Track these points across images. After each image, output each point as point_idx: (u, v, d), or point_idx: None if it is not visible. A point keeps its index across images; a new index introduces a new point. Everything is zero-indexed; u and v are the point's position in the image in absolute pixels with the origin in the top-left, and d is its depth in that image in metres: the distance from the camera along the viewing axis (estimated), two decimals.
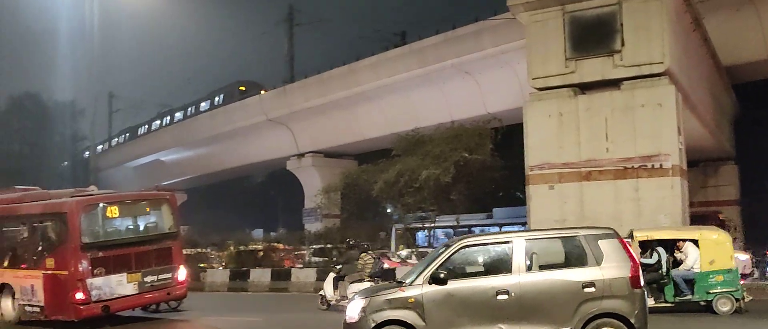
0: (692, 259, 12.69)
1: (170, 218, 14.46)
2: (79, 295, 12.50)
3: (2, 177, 44.67)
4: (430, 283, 8.18)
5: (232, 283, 23.27)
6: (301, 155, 39.38)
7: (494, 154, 24.58)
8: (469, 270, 8.61)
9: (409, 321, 8.12)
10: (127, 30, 48.56)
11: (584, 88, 17.26)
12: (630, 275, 7.97)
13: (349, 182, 28.65)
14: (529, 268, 8.20)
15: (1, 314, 14.18)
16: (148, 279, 13.51)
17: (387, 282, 11.41)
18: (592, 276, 7.97)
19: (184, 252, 27.64)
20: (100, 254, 12.87)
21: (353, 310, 8.45)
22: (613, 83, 16.77)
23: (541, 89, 17.72)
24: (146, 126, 55.18)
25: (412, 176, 23.69)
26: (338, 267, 15.64)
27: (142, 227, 14.05)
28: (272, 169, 48.94)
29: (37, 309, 13.33)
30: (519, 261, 8.20)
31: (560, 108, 17.22)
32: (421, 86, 30.30)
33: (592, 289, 7.92)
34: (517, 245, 8.31)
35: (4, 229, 14.73)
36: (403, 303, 8.21)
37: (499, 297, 8.03)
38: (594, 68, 16.90)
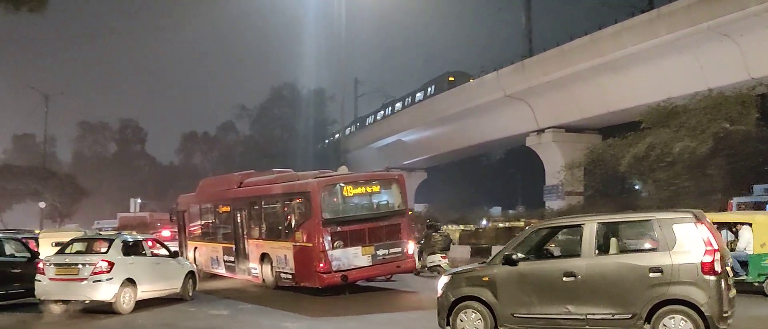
0: (744, 241, 13.26)
1: (399, 196, 15.94)
2: (322, 265, 14.44)
3: (267, 160, 51.61)
4: (503, 264, 8.95)
5: (473, 259, 24.44)
6: (540, 131, 39.31)
7: (761, 124, 22.37)
8: (544, 251, 9.33)
9: (482, 298, 9.01)
10: (368, 17, 52.28)
11: None
12: (701, 261, 7.75)
13: (593, 157, 28.14)
14: (598, 252, 8.47)
15: (263, 280, 16.89)
16: (380, 252, 15.11)
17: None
18: (660, 261, 7.95)
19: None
20: (339, 228, 14.70)
21: (439, 286, 9.63)
22: None
23: None
24: (373, 116, 60.25)
25: (664, 150, 22.64)
26: (421, 242, 19.18)
27: (374, 205, 15.72)
28: (511, 146, 49.44)
29: (290, 276, 15.68)
30: (588, 244, 8.49)
31: None
32: (671, 53, 28.50)
33: (659, 274, 7.91)
34: (588, 228, 8.56)
35: (264, 206, 17.46)
36: (478, 281, 9.20)
37: (566, 280, 8.42)
38: None
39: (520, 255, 8.93)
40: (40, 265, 13.41)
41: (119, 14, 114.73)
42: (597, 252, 8.48)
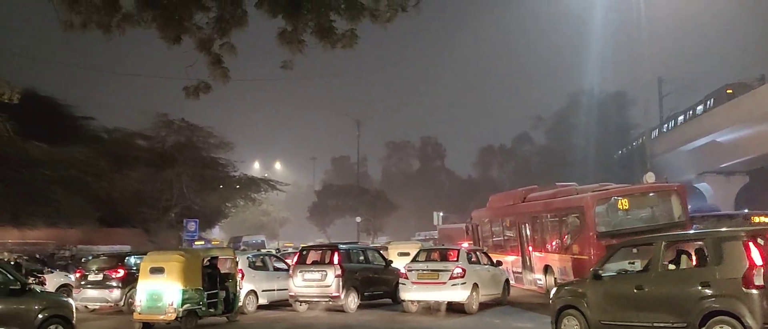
0: None
1: (679, 208, 16.49)
2: None
3: (565, 169, 52.77)
4: (592, 278, 10.93)
5: None
6: None
7: None
8: (625, 267, 11.11)
9: (578, 307, 10.99)
10: (669, 8, 49.90)
11: None
12: (743, 275, 8.85)
13: None
14: (663, 267, 10.07)
15: (547, 290, 18.55)
16: None
17: None
18: (709, 276, 9.32)
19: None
20: (614, 241, 15.72)
21: (551, 296, 12.12)
22: None
23: None
24: (656, 130, 59.31)
25: None
26: None
27: (652, 217, 16.51)
28: None
29: None
30: (655, 260, 10.16)
31: None
32: None
33: (708, 289, 9.24)
34: (656, 246, 10.21)
35: (545, 220, 19.23)
36: (575, 293, 11.29)
37: (636, 291, 10.08)
38: None
39: (606, 271, 10.91)
40: (404, 271, 16.91)
41: (414, 41, 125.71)
42: (662, 267, 10.08)
